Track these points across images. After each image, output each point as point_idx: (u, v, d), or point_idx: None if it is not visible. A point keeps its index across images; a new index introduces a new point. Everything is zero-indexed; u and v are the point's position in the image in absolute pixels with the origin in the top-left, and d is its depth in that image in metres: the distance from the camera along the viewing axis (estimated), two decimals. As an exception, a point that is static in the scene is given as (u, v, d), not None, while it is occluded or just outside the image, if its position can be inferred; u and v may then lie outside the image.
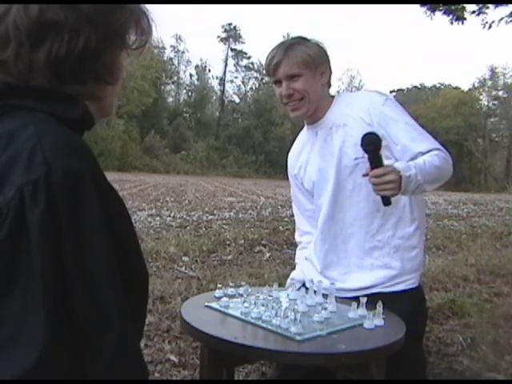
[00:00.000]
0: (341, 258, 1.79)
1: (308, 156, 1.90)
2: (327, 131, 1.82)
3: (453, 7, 6.02)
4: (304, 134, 1.96)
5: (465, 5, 5.99)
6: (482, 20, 6.02)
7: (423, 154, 1.68)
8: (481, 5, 5.89)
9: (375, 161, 1.54)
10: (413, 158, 1.68)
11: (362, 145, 1.56)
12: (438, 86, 55.76)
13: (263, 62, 1.89)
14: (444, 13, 6.08)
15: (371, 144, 1.54)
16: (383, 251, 1.75)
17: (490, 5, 5.84)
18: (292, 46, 1.77)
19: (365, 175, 1.58)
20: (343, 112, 1.80)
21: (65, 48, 0.75)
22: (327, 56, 1.85)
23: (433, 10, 6.09)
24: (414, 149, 1.69)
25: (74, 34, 0.75)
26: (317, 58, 1.78)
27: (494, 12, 5.95)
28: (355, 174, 1.73)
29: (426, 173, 1.62)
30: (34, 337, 0.63)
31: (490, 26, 5.98)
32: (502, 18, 5.89)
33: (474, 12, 6.01)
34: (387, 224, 1.74)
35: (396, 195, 1.57)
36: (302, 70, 1.76)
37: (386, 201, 1.58)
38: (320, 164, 1.83)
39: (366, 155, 1.56)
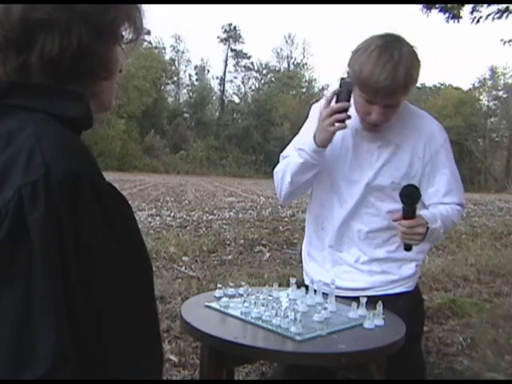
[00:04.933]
0: (342, 257, 1.79)
1: (341, 143, 1.75)
2: (376, 140, 1.73)
3: (449, 5, 6.04)
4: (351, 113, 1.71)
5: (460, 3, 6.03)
6: (471, 14, 6.06)
7: (448, 204, 1.74)
8: (473, 4, 5.94)
9: (409, 212, 1.58)
10: (437, 204, 1.74)
11: (400, 195, 1.57)
12: (438, 85, 55.77)
13: (263, 62, 1.82)
14: (440, 11, 6.10)
15: (411, 198, 1.57)
16: (382, 261, 1.77)
17: (482, 4, 5.90)
18: (398, 68, 1.54)
19: (394, 221, 1.61)
20: (400, 131, 1.73)
21: (57, 47, 0.74)
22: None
23: (429, 8, 6.10)
24: (444, 199, 1.74)
25: (65, 33, 0.75)
26: (416, 73, 1.61)
27: (486, 10, 6.00)
28: (383, 192, 1.73)
29: (445, 226, 1.69)
30: (42, 338, 0.63)
31: (478, 21, 6.03)
32: (489, 15, 5.94)
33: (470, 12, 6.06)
34: (391, 240, 1.76)
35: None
36: (403, 97, 1.64)
37: (409, 247, 1.63)
38: (352, 163, 1.75)
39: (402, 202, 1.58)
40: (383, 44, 1.59)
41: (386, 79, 1.54)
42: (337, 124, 1.62)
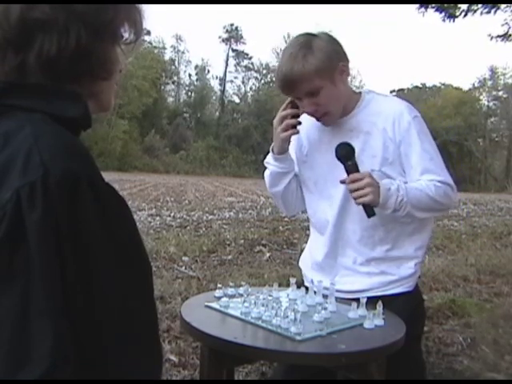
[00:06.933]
0: (338, 262, 1.79)
1: (318, 145, 1.81)
2: (346, 132, 1.74)
3: (445, 5, 6.07)
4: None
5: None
6: (459, 8, 6.08)
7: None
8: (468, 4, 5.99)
9: (351, 169, 1.59)
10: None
11: (336, 155, 1.61)
12: (438, 85, 55.70)
13: (264, 63, 1.86)
14: (436, 10, 6.12)
15: (342, 153, 1.60)
16: (380, 261, 1.75)
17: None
18: (303, 56, 1.61)
19: (342, 182, 1.61)
20: (368, 118, 1.73)
21: (55, 47, 0.74)
22: (340, 46, 1.70)
23: (425, 7, 6.13)
24: (421, 178, 1.67)
25: (63, 33, 0.75)
26: (333, 58, 1.65)
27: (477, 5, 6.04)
28: None
29: (413, 196, 1.62)
30: (41, 338, 0.63)
31: (466, 15, 6.06)
32: (477, 9, 5.97)
33: (464, 12, 6.10)
34: (387, 238, 1.74)
35: (375, 204, 1.57)
36: (321, 81, 1.63)
37: (370, 211, 1.58)
38: (330, 160, 1.73)
39: (346, 164, 1.61)
40: (289, 43, 1.71)
41: (286, 74, 1.63)
42: (289, 130, 1.73)
